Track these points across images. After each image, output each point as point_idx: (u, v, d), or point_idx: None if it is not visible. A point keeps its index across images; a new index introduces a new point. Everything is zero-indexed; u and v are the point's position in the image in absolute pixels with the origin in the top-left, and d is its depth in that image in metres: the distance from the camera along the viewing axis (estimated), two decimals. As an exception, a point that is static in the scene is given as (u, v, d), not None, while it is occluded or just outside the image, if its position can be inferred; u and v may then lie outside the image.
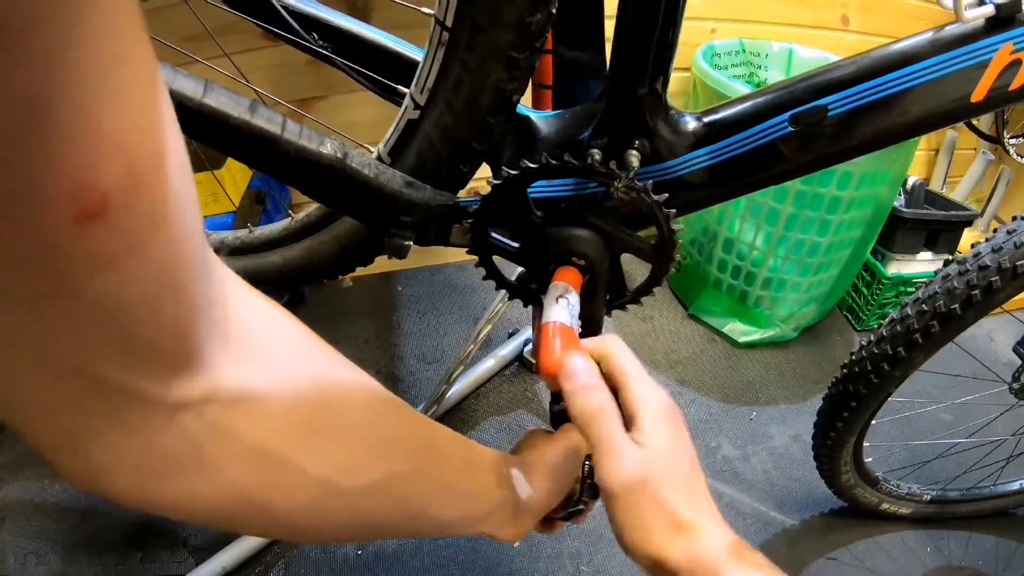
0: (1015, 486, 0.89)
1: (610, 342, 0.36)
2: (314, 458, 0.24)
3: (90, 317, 0.16)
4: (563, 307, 0.37)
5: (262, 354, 0.23)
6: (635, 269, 0.44)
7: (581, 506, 0.46)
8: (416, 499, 0.30)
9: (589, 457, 0.48)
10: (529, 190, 0.42)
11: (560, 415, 0.51)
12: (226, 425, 0.21)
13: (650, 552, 0.30)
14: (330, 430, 0.25)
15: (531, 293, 0.49)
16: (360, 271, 0.52)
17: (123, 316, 0.16)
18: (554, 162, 0.38)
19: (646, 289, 0.46)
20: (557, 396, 0.50)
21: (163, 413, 0.19)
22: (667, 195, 0.39)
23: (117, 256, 0.15)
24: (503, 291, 0.56)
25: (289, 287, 0.65)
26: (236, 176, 0.93)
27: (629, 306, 0.49)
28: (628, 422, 0.33)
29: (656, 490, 0.31)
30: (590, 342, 0.36)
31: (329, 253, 0.51)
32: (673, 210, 0.39)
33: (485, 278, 0.49)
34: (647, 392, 0.33)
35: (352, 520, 0.27)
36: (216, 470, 0.22)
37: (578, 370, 0.33)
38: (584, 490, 0.46)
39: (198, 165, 0.84)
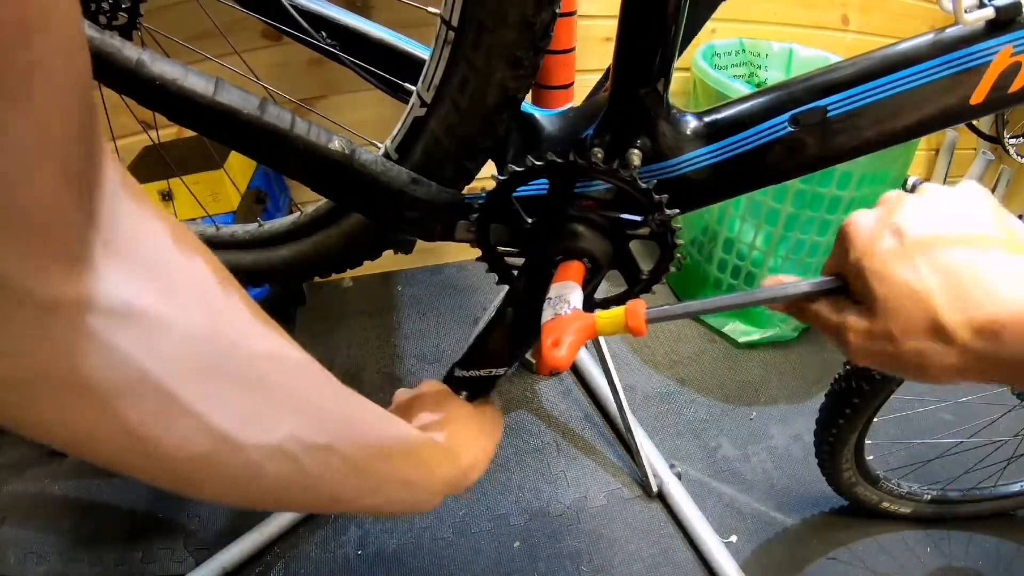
0: (1016, 488, 0.90)
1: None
2: (212, 405, 0.22)
3: None
4: (549, 308, 0.38)
5: (162, 278, 0.20)
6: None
7: None
8: (327, 476, 0.27)
9: None
10: (530, 188, 0.42)
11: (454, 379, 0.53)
12: (108, 341, 0.18)
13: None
14: (234, 378, 0.23)
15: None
16: (360, 271, 0.52)
17: None
18: (538, 163, 0.39)
19: (657, 276, 0.46)
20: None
21: (30, 310, 0.16)
22: (667, 193, 0.39)
23: None
24: (503, 290, 0.56)
25: (298, 280, 0.65)
26: (236, 176, 0.94)
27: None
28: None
29: (912, 333, 0.26)
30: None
31: (337, 247, 0.51)
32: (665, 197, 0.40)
33: (495, 279, 0.49)
34: (864, 243, 0.29)
35: (251, 481, 0.24)
36: (94, 393, 0.19)
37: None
38: None
39: (198, 165, 0.85)
